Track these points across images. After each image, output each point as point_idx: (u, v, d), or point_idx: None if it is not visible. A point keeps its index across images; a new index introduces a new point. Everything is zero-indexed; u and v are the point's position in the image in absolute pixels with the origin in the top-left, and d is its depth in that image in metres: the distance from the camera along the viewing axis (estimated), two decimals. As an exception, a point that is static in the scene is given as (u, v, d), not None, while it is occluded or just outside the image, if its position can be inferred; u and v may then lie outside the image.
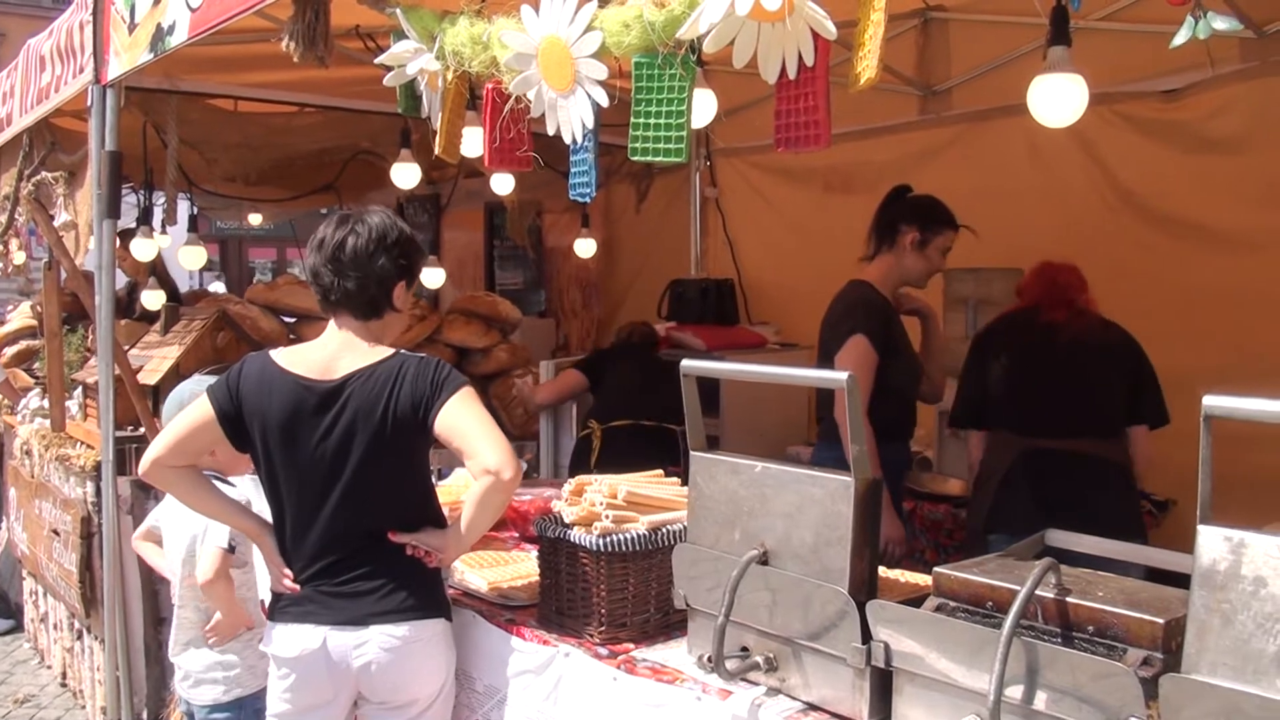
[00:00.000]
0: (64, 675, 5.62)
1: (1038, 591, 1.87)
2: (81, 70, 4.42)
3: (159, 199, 6.81)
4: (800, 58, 2.12)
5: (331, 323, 2.82)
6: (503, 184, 6.09)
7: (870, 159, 5.74)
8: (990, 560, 2.14)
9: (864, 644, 2.04)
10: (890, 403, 3.89)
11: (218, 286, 16.91)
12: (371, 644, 2.68)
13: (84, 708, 5.30)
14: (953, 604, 2.03)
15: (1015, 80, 4.11)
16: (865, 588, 2.11)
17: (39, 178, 5.27)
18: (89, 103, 4.34)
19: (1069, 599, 1.87)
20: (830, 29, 2.04)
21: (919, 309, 4.22)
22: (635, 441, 5.04)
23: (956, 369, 4.36)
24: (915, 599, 2.11)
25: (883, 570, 2.52)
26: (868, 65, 2.09)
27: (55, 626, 5.69)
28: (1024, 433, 3.88)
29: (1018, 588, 1.86)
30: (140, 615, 4.58)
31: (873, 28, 2.08)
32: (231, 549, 3.05)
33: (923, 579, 2.68)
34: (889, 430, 3.85)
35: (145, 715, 4.60)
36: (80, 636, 5.26)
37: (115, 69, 4.14)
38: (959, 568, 2.07)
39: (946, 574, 2.06)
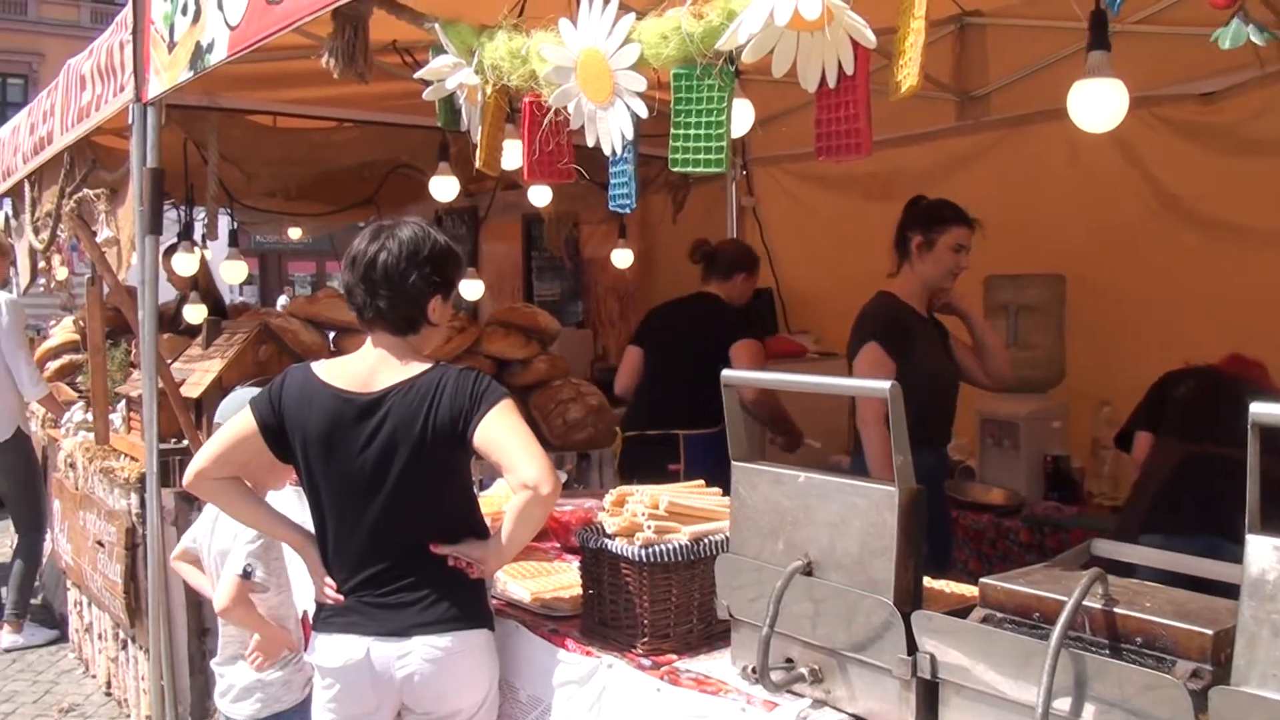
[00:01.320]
0: (108, 684, 5.67)
1: (1085, 602, 1.85)
2: (122, 89, 4.47)
3: (200, 214, 6.89)
4: (840, 66, 2.11)
5: (370, 337, 2.83)
6: (540, 196, 6.12)
7: (908, 166, 5.72)
8: (1036, 571, 2.12)
9: (910, 655, 2.02)
10: (912, 410, 3.87)
11: (282, 299, 17.00)
12: (415, 655, 2.69)
13: (129, 717, 5.34)
14: (999, 615, 2.02)
15: (1053, 84, 4.09)
16: (910, 598, 2.10)
17: (81, 195, 5.34)
18: (130, 121, 4.39)
19: (1117, 610, 1.85)
20: (870, 37, 2.04)
21: (953, 306, 4.20)
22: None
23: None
24: (961, 610, 2.10)
25: (928, 581, 2.50)
26: (909, 73, 2.08)
27: (100, 636, 5.75)
28: (1190, 437, 3.85)
29: (1065, 598, 1.84)
30: (184, 626, 4.62)
31: (913, 35, 2.07)
32: (247, 575, 3.07)
33: (968, 590, 2.67)
34: (912, 437, 3.83)
35: (189, 725, 4.64)
36: (125, 646, 5.31)
37: (156, 87, 4.19)
38: (1005, 578, 2.06)
39: (993, 584, 2.05)
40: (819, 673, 2.24)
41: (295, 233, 9.21)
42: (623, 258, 7.14)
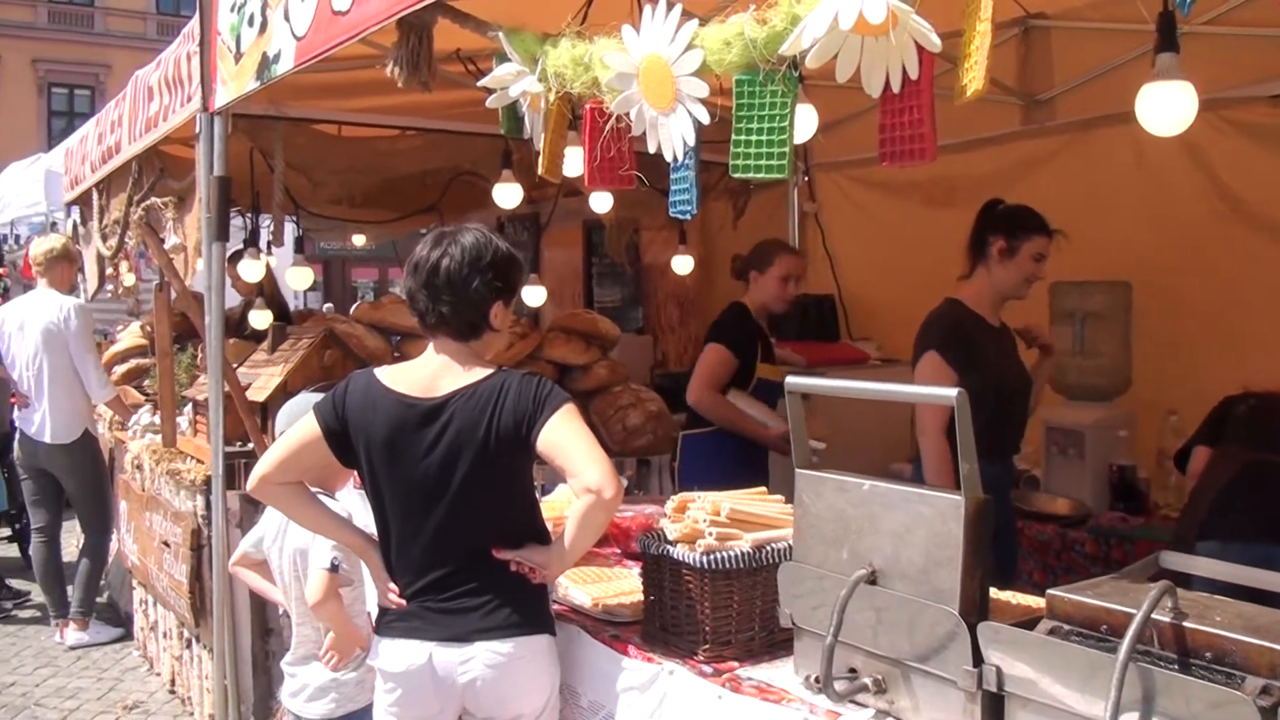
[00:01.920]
0: (172, 682, 5.75)
1: (1154, 615, 1.82)
2: (189, 99, 4.54)
3: (265, 221, 6.98)
4: (904, 70, 2.10)
5: (432, 343, 2.85)
6: (601, 202, 6.13)
7: (972, 171, 5.67)
8: (1104, 582, 2.09)
9: (975, 667, 2.00)
10: (976, 420, 3.83)
11: (329, 307, 17.18)
12: (477, 660, 2.70)
13: (192, 714, 5.41)
14: (1067, 627, 1.99)
15: (1120, 88, 4.03)
16: (976, 609, 2.07)
17: (149, 203, 5.42)
18: (197, 130, 4.46)
19: (1186, 624, 1.82)
20: (935, 41, 2.02)
21: (1037, 340, 4.16)
22: None
23: (1067, 385, 4.29)
24: (1028, 622, 2.07)
25: (993, 592, 2.48)
26: (975, 77, 2.06)
27: (165, 635, 5.83)
28: (1253, 445, 3.80)
29: (1134, 611, 1.82)
30: (248, 626, 4.68)
31: (979, 38, 2.05)
32: (334, 568, 3.09)
33: (1034, 601, 2.63)
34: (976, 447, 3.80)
35: (251, 722, 4.70)
36: (189, 645, 5.38)
37: (222, 97, 4.25)
38: (1073, 590, 2.03)
39: (1060, 596, 2.02)
40: (883, 683, 2.22)
41: (359, 239, 9.30)
42: (683, 264, 7.12)
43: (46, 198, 10.17)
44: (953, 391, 2.13)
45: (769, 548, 2.64)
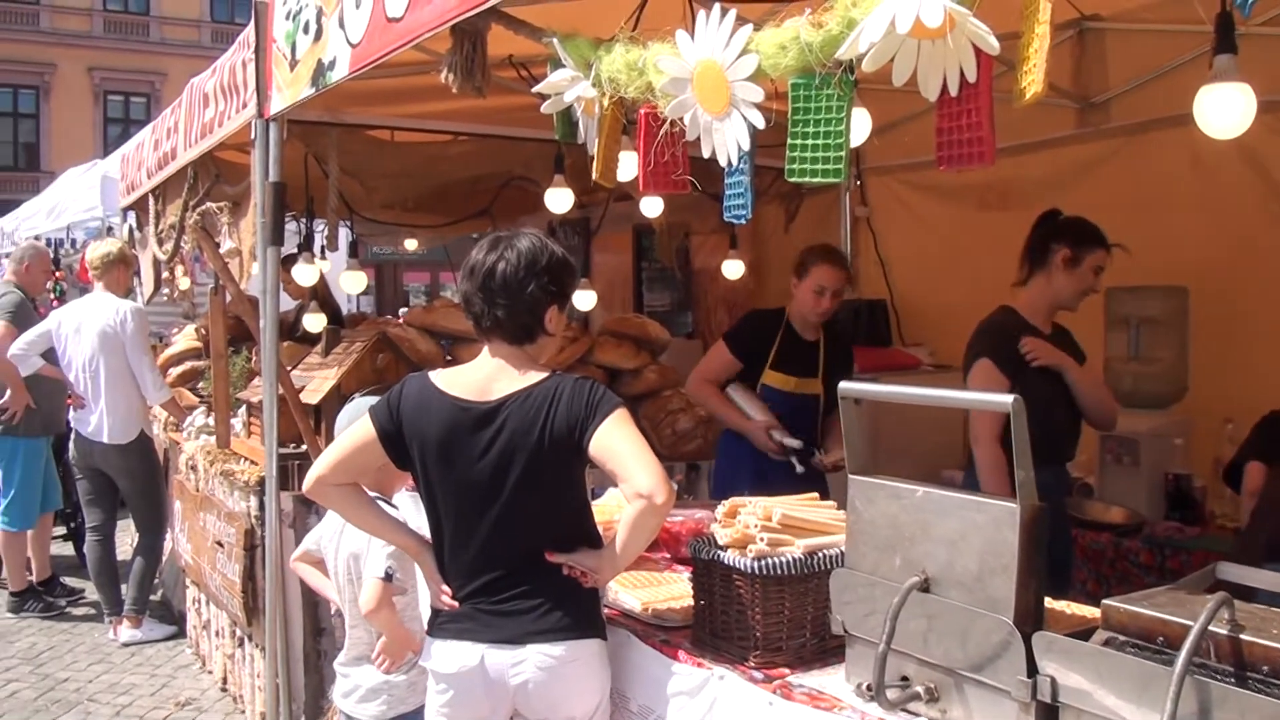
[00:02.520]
0: (224, 680, 5.81)
1: (1211, 627, 1.79)
2: (245, 105, 4.59)
3: (319, 226, 7.04)
4: (962, 73, 2.08)
5: (486, 346, 2.87)
6: (652, 207, 6.13)
7: (1026, 174, 5.62)
8: (1160, 593, 2.06)
9: (1030, 677, 1.98)
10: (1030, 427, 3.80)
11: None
12: (528, 663, 2.71)
13: (243, 712, 5.46)
14: (1122, 638, 1.96)
15: (1176, 90, 3.98)
16: (1031, 618, 2.05)
17: (204, 208, 5.49)
18: (253, 136, 4.51)
19: (1243, 636, 1.79)
20: (993, 44, 2.00)
21: (1049, 365, 4.08)
22: None
23: (1122, 392, 4.24)
24: (1083, 632, 2.05)
25: (1046, 601, 2.45)
26: (1033, 79, 2.04)
27: (217, 634, 5.89)
28: None
29: (1190, 623, 1.79)
30: (300, 625, 4.72)
31: (1037, 41, 2.04)
32: (389, 577, 3.11)
33: (1089, 611, 2.61)
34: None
35: (303, 721, 4.74)
36: (241, 644, 5.44)
37: (278, 104, 4.29)
38: (1129, 600, 2.00)
39: (1116, 607, 2.00)
40: (935, 692, 2.21)
41: (411, 244, 9.36)
42: (734, 268, 7.10)
43: (102, 203, 10.30)
44: (1008, 398, 2.12)
45: (821, 554, 2.62)
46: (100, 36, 35.16)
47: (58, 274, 11.01)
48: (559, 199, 5.48)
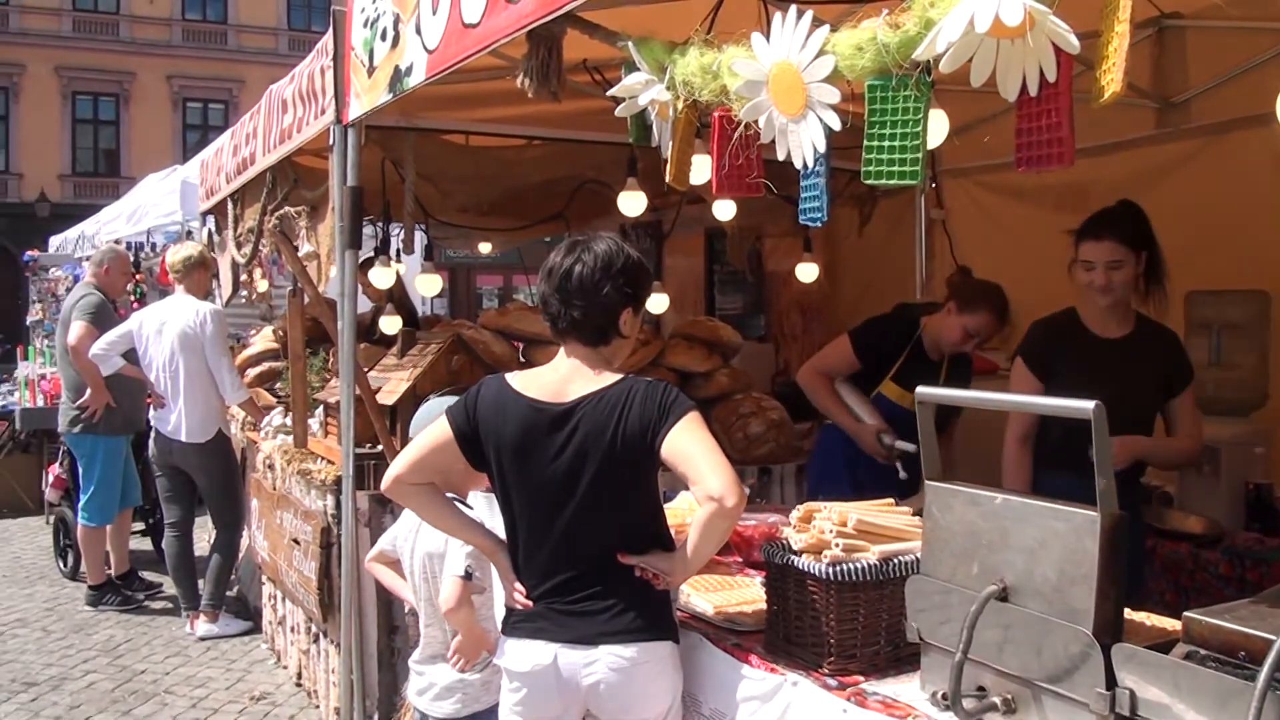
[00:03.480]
0: (299, 676, 5.88)
1: (1294, 641, 1.75)
2: (323, 112, 4.65)
3: (396, 230, 7.11)
4: (1041, 73, 2.05)
5: (562, 348, 2.88)
6: (725, 210, 6.11)
7: (1104, 176, 5.52)
8: (1242, 606, 2.02)
9: (1109, 690, 1.95)
10: (1060, 429, 3.78)
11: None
12: (600, 663, 2.72)
13: (317, 707, 5.53)
14: (1203, 652, 1.92)
15: (1258, 89, 3.89)
16: (1111, 630, 2.02)
17: (282, 212, 5.57)
18: (331, 141, 4.58)
19: (1328, 649, 1.75)
20: (1073, 43, 1.97)
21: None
22: None
23: (1202, 399, 4.12)
24: (1162, 644, 2.01)
25: (1126, 612, 2.41)
26: (1112, 79, 2.01)
27: (293, 629, 5.97)
28: None
29: (1274, 638, 1.75)
30: (375, 622, 4.77)
31: (1117, 39, 2.01)
32: (468, 576, 3.13)
33: (1168, 623, 2.56)
34: (1060, 459, 3.72)
35: (377, 718, 4.78)
36: (316, 640, 5.51)
37: (355, 110, 4.35)
38: (1210, 613, 1.96)
39: (1197, 619, 1.95)
40: (1012, 703, 2.17)
41: (485, 247, 9.40)
42: (807, 271, 7.05)
43: (182, 207, 10.50)
44: (1089, 404, 2.07)
45: (896, 560, 2.60)
46: (179, 45, 35.84)
47: (138, 276, 11.23)
48: (632, 202, 5.49)
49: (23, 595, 7.94)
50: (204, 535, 7.30)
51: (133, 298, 11.40)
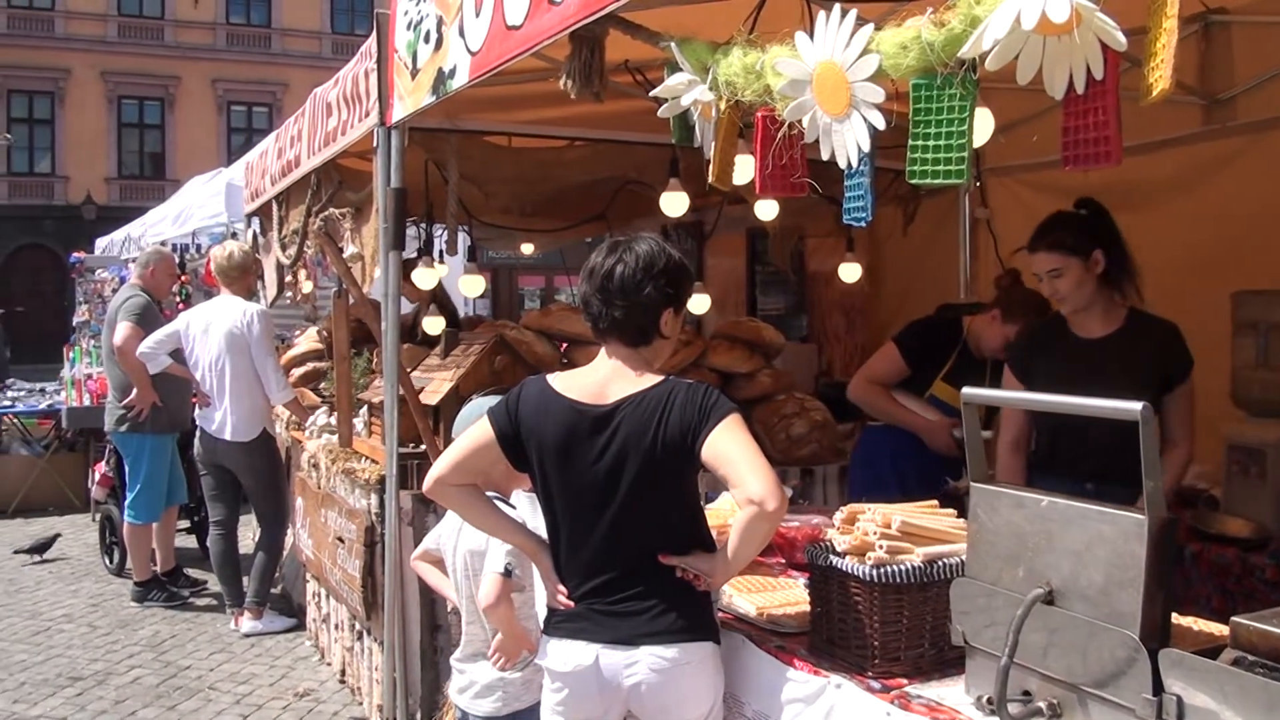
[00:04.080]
0: (343, 672, 5.92)
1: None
2: (367, 114, 4.68)
3: (438, 231, 7.14)
4: (1089, 71, 2.03)
5: (603, 349, 2.88)
6: (767, 210, 6.09)
7: (1150, 175, 5.45)
8: (1291, 611, 1.99)
9: (1155, 695, 1.92)
10: (1048, 433, 3.85)
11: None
12: (642, 664, 2.72)
13: (361, 704, 5.56)
14: (1250, 658, 1.89)
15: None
16: (1157, 634, 1.99)
17: (327, 213, 5.61)
18: (375, 144, 4.60)
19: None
20: (1120, 40, 1.96)
21: None
22: None
23: (1249, 399, 4.06)
24: (1210, 650, 1.98)
25: (1173, 617, 2.38)
26: (1160, 76, 1.99)
27: (336, 627, 6.01)
28: None
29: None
30: (418, 621, 4.80)
31: (1165, 36, 1.99)
32: (508, 573, 3.14)
33: (1215, 628, 2.52)
34: (1043, 465, 3.83)
35: (419, 716, 4.80)
36: (360, 637, 5.54)
37: (399, 112, 4.37)
38: (1258, 619, 1.92)
39: (1245, 625, 1.92)
40: (1058, 708, 2.15)
41: (527, 248, 9.43)
42: (850, 272, 7.01)
43: (227, 209, 10.60)
44: (1136, 406, 2.04)
45: (941, 562, 2.58)
46: (223, 49, 36.27)
47: (183, 278, 11.34)
48: (674, 202, 5.48)
49: (69, 591, 8.04)
50: (248, 533, 7.37)
51: (178, 299, 11.51)
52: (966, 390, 2.40)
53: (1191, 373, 3.81)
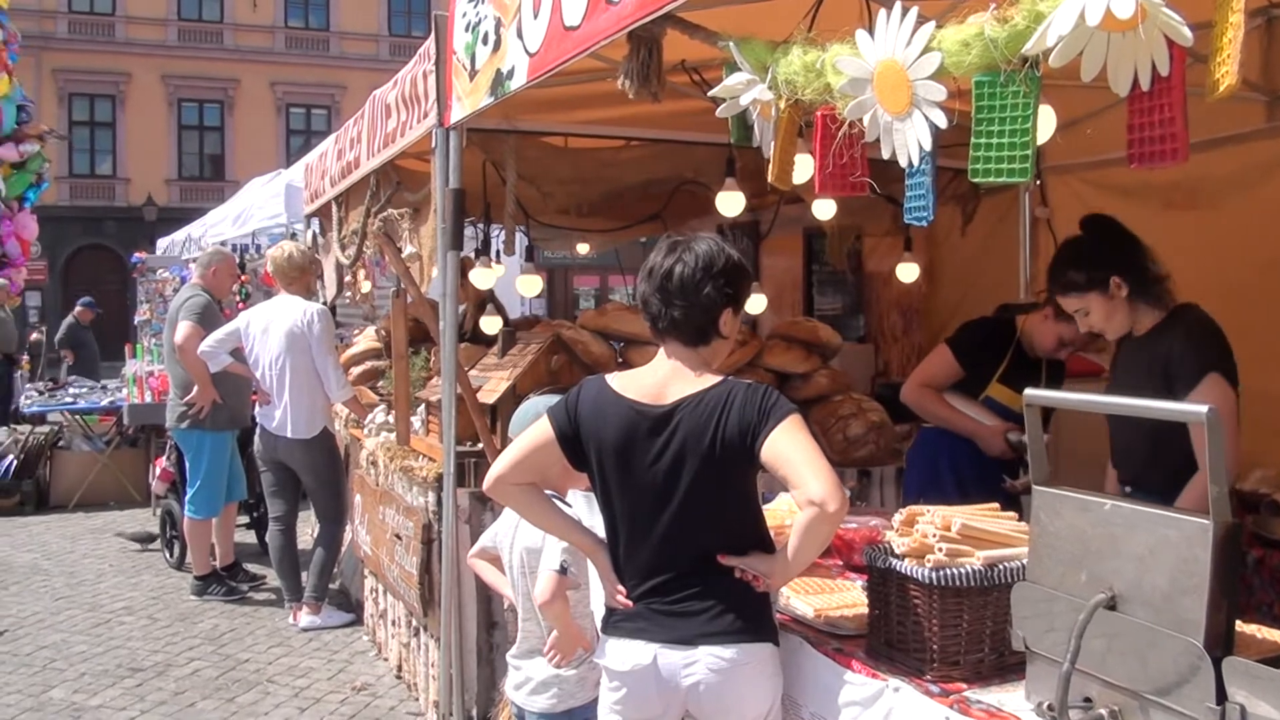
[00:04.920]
0: (399, 668, 5.97)
1: None
2: (425, 115, 4.71)
3: (495, 231, 7.18)
4: (1154, 67, 2.00)
5: (662, 349, 2.88)
6: (825, 209, 6.06)
7: (1213, 172, 5.35)
8: (1356, 620, 1.95)
9: (1219, 704, 1.89)
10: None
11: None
12: (700, 664, 2.71)
13: (417, 699, 5.61)
14: (1315, 666, 1.86)
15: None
16: (1222, 642, 1.95)
17: (386, 214, 5.65)
18: (433, 145, 4.63)
19: None
20: (1186, 35, 1.93)
21: None
22: None
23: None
24: (1275, 658, 1.95)
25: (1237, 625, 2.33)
26: (1227, 71, 1.96)
27: (394, 623, 6.07)
28: None
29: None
30: (474, 618, 4.83)
31: (1232, 30, 1.96)
32: (563, 570, 3.15)
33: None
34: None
35: (475, 712, 4.83)
36: (417, 634, 5.59)
37: (458, 113, 4.39)
38: (1324, 627, 1.89)
39: (1310, 633, 1.89)
40: (1119, 715, 2.12)
41: (583, 248, 9.44)
42: (908, 271, 6.95)
43: (286, 210, 10.72)
44: (1202, 408, 2.01)
45: (1001, 566, 2.55)
46: (283, 52, 36.71)
47: (243, 278, 11.48)
48: (730, 202, 5.46)
49: (129, 584, 8.17)
50: (307, 529, 7.43)
51: (238, 298, 11.67)
52: (1029, 392, 2.37)
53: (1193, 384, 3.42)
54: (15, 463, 10.97)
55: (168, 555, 8.73)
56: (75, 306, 17.53)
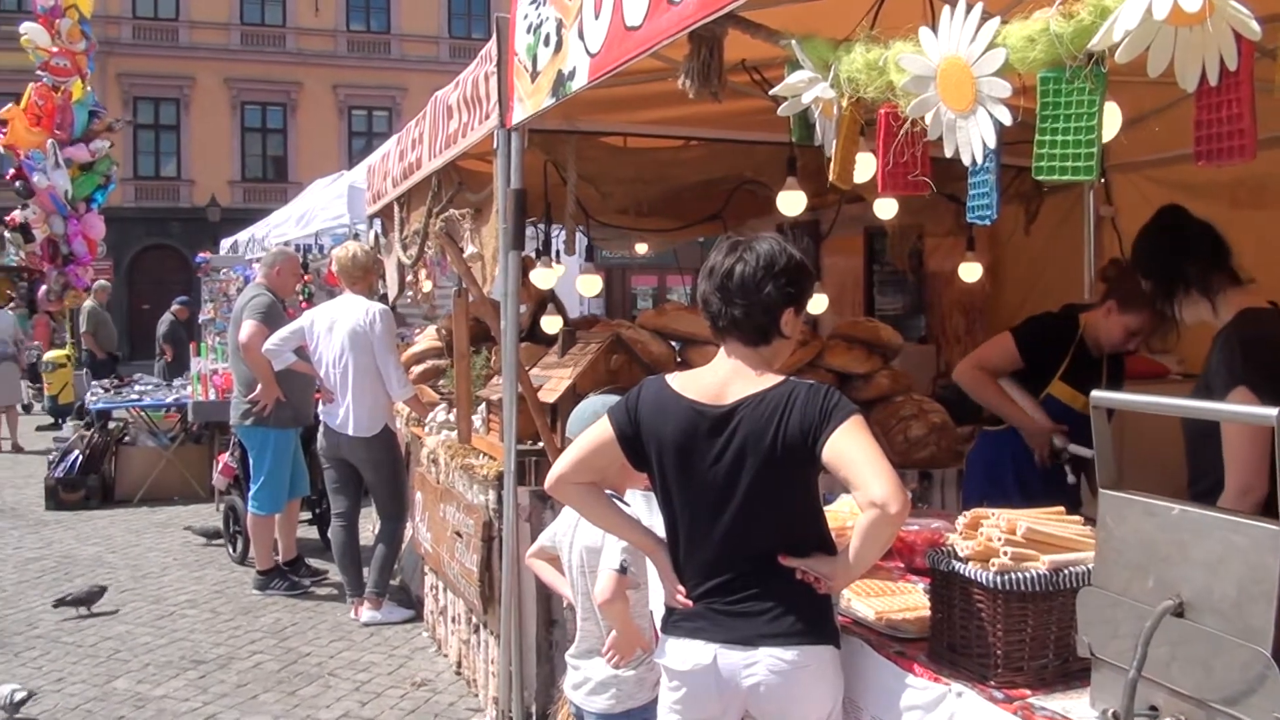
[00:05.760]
0: (459, 664, 6.01)
1: None
2: (487, 116, 4.74)
3: (556, 231, 7.20)
4: (1222, 62, 1.96)
5: (722, 349, 2.87)
6: (886, 209, 6.01)
7: (1278, 170, 5.27)
8: None
9: (1286, 714, 1.84)
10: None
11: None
12: (760, 665, 2.70)
13: (476, 696, 5.64)
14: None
15: None
16: (1289, 651, 1.91)
17: (447, 214, 5.69)
18: (495, 145, 4.66)
19: None
20: (1255, 28, 1.88)
21: None
22: None
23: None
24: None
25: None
26: (1295, 65, 1.91)
27: (454, 620, 6.11)
28: None
29: None
30: (534, 616, 4.85)
31: (1298, 22, 1.91)
32: (623, 570, 3.15)
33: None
34: None
35: (534, 710, 4.85)
36: (476, 630, 5.62)
37: (519, 114, 4.41)
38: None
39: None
40: (1185, 723, 2.08)
41: (642, 248, 9.44)
42: (970, 271, 6.87)
43: (349, 211, 10.82)
44: (1272, 411, 1.96)
45: (1067, 571, 2.51)
46: (344, 55, 37.05)
47: (306, 277, 11.59)
48: (791, 201, 5.44)
49: (192, 578, 8.30)
50: (368, 526, 7.50)
51: (301, 298, 11.80)
52: (1096, 394, 2.33)
53: (1238, 393, 3.13)
54: (81, 458, 11.16)
55: (231, 550, 8.84)
56: (172, 305, 17.98)
